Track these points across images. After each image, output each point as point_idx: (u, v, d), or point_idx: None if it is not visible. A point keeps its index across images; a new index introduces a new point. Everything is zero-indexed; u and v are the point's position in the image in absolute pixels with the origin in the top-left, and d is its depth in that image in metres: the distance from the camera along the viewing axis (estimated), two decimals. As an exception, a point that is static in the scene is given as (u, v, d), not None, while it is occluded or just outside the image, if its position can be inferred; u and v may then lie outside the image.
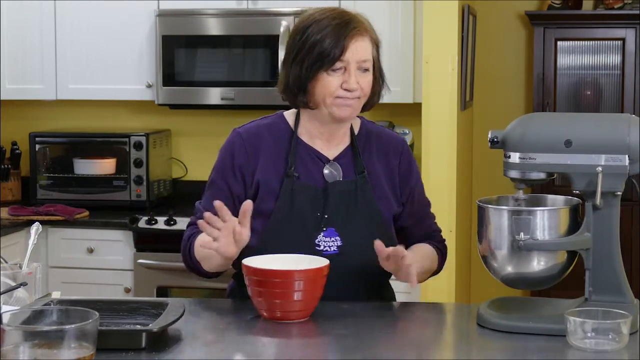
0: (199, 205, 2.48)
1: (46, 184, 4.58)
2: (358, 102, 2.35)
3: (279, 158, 2.40)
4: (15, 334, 1.63)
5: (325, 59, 2.29)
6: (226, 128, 5.08)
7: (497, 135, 2.17)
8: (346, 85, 2.31)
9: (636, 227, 4.92)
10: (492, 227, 2.13)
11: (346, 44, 2.29)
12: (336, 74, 2.31)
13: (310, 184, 2.38)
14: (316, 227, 2.36)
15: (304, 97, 2.37)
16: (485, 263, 2.18)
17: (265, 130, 2.45)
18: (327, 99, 2.33)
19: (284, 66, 2.40)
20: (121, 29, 4.54)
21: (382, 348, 1.99)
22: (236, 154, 2.42)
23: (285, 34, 4.27)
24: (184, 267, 2.46)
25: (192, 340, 2.02)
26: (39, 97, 4.68)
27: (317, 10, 2.38)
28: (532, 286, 2.20)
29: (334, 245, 2.35)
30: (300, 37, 2.34)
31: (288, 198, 2.36)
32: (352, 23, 2.32)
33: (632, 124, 2.09)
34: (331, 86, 2.31)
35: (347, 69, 2.31)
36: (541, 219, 2.09)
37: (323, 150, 2.42)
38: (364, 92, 2.34)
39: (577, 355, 1.93)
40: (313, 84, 2.33)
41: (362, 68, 2.33)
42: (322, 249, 2.34)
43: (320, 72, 2.31)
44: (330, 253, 2.33)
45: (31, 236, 2.28)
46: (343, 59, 2.30)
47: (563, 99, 5.14)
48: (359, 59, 2.31)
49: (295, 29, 2.37)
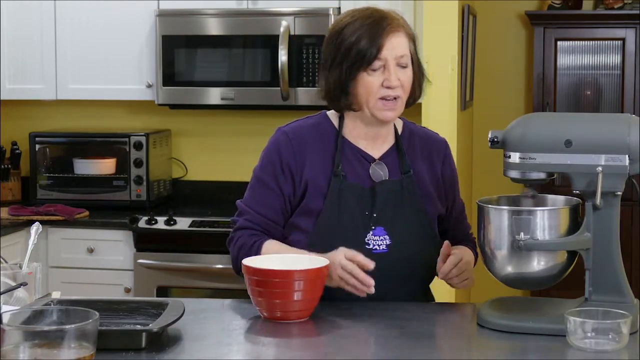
0: (244, 205, 2.44)
1: (46, 184, 4.57)
2: (400, 101, 2.35)
3: (325, 158, 2.39)
4: (15, 334, 1.63)
5: (363, 59, 2.30)
6: (226, 128, 5.11)
7: (497, 135, 2.16)
8: (387, 82, 2.31)
9: (636, 227, 4.92)
10: (492, 227, 2.13)
11: (382, 41, 2.30)
12: (376, 73, 2.31)
13: (357, 184, 2.38)
14: (365, 226, 2.36)
15: (346, 100, 2.37)
16: (486, 263, 2.18)
17: (311, 129, 2.44)
18: (370, 100, 2.33)
19: (322, 72, 2.40)
20: (121, 29, 4.54)
21: (382, 348, 1.99)
22: (284, 153, 2.40)
23: (285, 34, 4.27)
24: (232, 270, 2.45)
25: (192, 340, 2.02)
26: (39, 97, 4.68)
27: (348, 12, 2.38)
28: (532, 286, 2.20)
29: (383, 244, 2.36)
30: (336, 40, 2.34)
31: (336, 197, 2.36)
32: (385, 20, 2.32)
33: (632, 124, 2.08)
34: (372, 86, 2.31)
35: (386, 66, 2.31)
36: (541, 219, 2.09)
37: (368, 149, 2.42)
38: (404, 89, 2.34)
39: (577, 355, 1.93)
40: (354, 86, 2.33)
41: (401, 64, 2.33)
42: (372, 247, 2.35)
43: (360, 73, 2.31)
44: (379, 252, 2.35)
45: (31, 236, 2.28)
46: (381, 57, 2.30)
47: (563, 99, 5.14)
48: (397, 55, 2.32)
49: (330, 33, 2.38)
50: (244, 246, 2.38)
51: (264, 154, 2.44)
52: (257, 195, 2.41)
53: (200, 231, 4.18)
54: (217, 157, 4.82)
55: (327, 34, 2.41)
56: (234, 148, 4.79)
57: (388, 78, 2.31)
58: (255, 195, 2.42)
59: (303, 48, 4.30)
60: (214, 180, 4.84)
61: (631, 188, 2.16)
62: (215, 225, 4.18)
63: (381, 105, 2.33)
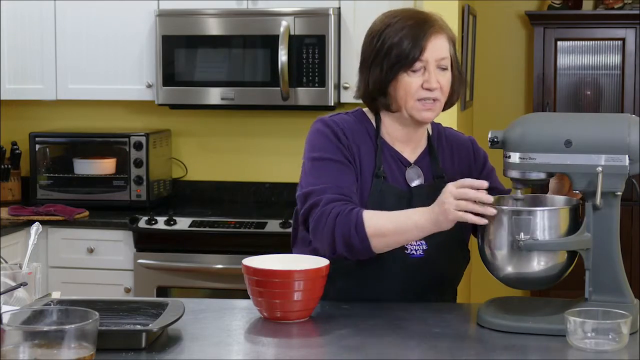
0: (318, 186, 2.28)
1: (46, 184, 4.57)
2: (438, 103, 2.34)
3: (368, 155, 2.37)
4: (15, 334, 1.63)
5: (404, 60, 2.29)
6: (226, 128, 5.10)
7: (497, 135, 2.16)
8: (427, 84, 2.30)
9: (636, 227, 4.92)
10: (492, 227, 2.12)
11: (424, 43, 2.29)
12: (416, 74, 2.30)
13: (396, 186, 2.37)
14: None
15: (385, 100, 2.35)
16: (485, 263, 2.18)
17: (355, 125, 2.40)
18: (408, 101, 2.32)
19: (361, 71, 2.39)
20: (121, 29, 4.54)
21: (382, 348, 1.99)
22: (339, 136, 2.34)
23: (285, 33, 4.27)
24: (326, 247, 2.24)
25: (192, 340, 2.02)
26: (39, 97, 4.68)
27: (389, 13, 2.37)
28: (532, 286, 2.20)
29: (420, 249, 2.35)
30: (377, 40, 2.32)
31: (377, 198, 2.34)
32: (428, 22, 2.32)
33: (632, 124, 2.08)
34: (412, 87, 2.30)
35: (426, 68, 2.30)
36: (541, 219, 2.09)
37: (404, 152, 2.41)
38: (443, 91, 2.33)
39: (577, 355, 1.93)
40: (394, 86, 2.32)
41: (441, 66, 2.32)
42: (409, 252, 2.35)
43: (400, 74, 2.30)
44: (416, 257, 2.34)
45: (31, 236, 2.28)
46: (422, 59, 2.29)
47: (563, 99, 5.14)
48: (438, 58, 2.31)
49: (371, 33, 2.36)
50: (340, 214, 2.23)
51: (314, 140, 2.36)
52: (328, 173, 2.30)
53: (200, 231, 4.18)
54: (217, 157, 4.82)
55: (366, 34, 2.38)
56: (234, 148, 4.79)
57: (428, 80, 2.30)
58: (326, 173, 2.30)
59: (303, 48, 4.30)
60: (214, 180, 4.84)
61: (631, 188, 2.16)
62: (215, 225, 4.18)
63: (420, 106, 2.32)
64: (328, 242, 2.24)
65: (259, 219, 4.22)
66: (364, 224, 2.20)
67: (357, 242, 2.20)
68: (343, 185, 2.30)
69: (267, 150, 4.79)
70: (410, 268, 2.34)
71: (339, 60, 4.37)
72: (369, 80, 2.35)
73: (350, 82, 4.35)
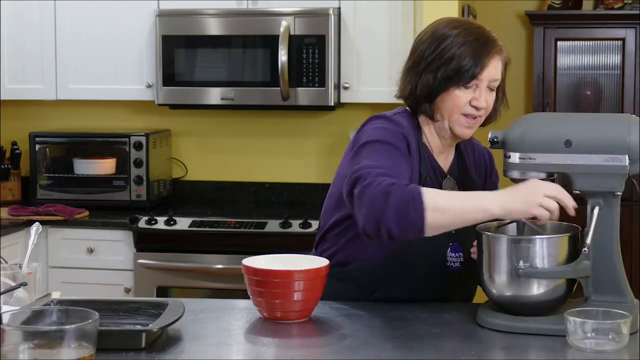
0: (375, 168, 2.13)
1: (46, 184, 4.57)
2: (479, 121, 2.33)
3: (415, 158, 2.32)
4: (15, 334, 1.63)
5: (462, 75, 2.26)
6: (226, 128, 5.09)
7: (497, 135, 2.16)
8: (476, 102, 2.29)
9: (636, 227, 4.92)
10: (491, 255, 2.12)
11: (486, 63, 2.27)
12: (467, 90, 2.28)
13: None
14: (444, 242, 2.33)
15: (428, 107, 2.33)
16: (484, 289, 2.17)
17: (407, 126, 2.33)
18: (453, 114, 2.30)
19: (409, 72, 2.34)
20: (121, 29, 4.54)
21: (382, 348, 1.99)
22: (403, 132, 2.28)
23: (285, 33, 4.27)
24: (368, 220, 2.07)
25: (192, 340, 2.02)
26: (39, 97, 4.68)
27: (450, 21, 2.34)
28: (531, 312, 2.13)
29: (458, 261, 2.36)
30: (437, 47, 2.29)
31: None
32: (490, 42, 2.30)
33: (632, 124, 2.08)
34: (460, 101, 2.28)
35: (478, 86, 2.28)
36: (540, 247, 2.07)
37: (440, 162, 2.40)
38: (487, 110, 2.33)
39: (577, 355, 1.93)
40: (442, 97, 2.29)
41: (491, 87, 2.31)
42: (449, 264, 2.35)
43: (452, 87, 2.28)
44: (454, 269, 2.35)
45: (31, 236, 2.28)
46: (479, 77, 2.28)
47: (563, 99, 5.14)
48: (492, 78, 2.30)
49: (431, 37, 2.31)
50: (396, 183, 2.08)
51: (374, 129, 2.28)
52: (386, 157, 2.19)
53: (200, 231, 4.18)
54: (217, 157, 4.82)
55: (424, 35, 2.34)
56: (234, 148, 4.79)
57: (477, 98, 2.28)
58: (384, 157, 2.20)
59: (303, 48, 4.30)
60: (214, 180, 4.84)
61: (631, 188, 2.15)
62: (215, 225, 4.18)
63: (463, 121, 2.30)
64: (377, 210, 2.05)
65: (259, 219, 4.22)
66: (423, 195, 2.05)
67: (412, 212, 2.03)
68: (400, 170, 2.17)
69: (267, 150, 4.79)
70: (450, 279, 2.35)
71: (339, 60, 4.37)
72: (417, 83, 2.31)
73: (350, 82, 4.35)
